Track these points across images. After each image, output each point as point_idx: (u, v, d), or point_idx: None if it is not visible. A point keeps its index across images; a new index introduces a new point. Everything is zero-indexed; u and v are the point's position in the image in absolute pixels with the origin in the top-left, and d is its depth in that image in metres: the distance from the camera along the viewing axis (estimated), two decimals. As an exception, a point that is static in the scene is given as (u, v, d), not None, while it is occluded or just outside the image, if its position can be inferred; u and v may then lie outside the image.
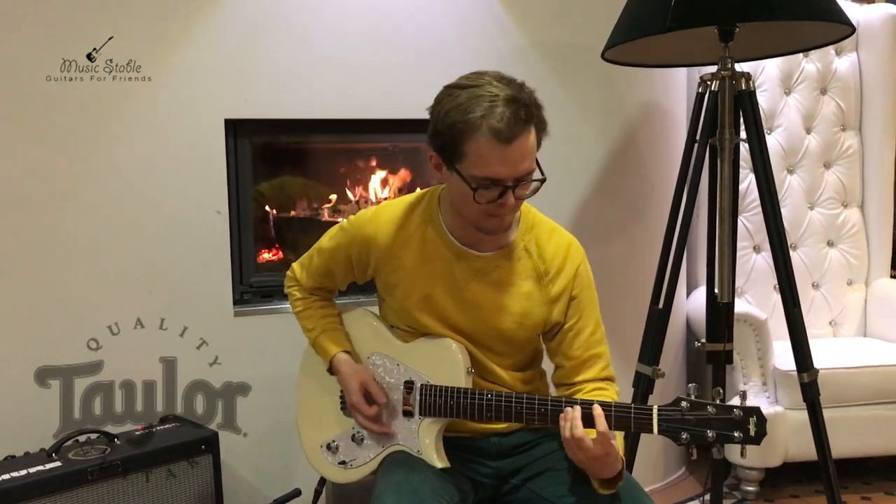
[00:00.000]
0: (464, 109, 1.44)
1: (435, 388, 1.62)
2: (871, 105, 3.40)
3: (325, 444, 1.77)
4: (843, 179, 3.42)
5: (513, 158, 1.46)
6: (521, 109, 1.44)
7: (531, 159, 1.49)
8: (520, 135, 1.44)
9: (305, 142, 2.71)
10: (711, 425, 1.40)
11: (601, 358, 1.70)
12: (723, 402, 1.43)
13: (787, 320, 2.10)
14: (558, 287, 1.65)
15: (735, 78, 2.10)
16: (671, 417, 1.43)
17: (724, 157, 2.13)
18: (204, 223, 2.40)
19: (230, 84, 2.39)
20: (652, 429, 1.44)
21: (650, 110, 2.94)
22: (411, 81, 2.56)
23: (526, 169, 1.49)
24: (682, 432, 1.42)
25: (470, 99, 1.45)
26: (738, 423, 1.39)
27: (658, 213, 2.99)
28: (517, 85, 1.48)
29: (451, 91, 1.49)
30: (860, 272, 3.44)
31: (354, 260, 1.71)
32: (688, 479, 3.14)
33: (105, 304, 2.32)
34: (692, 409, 1.42)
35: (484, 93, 1.44)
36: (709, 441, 1.41)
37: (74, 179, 2.26)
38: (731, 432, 1.39)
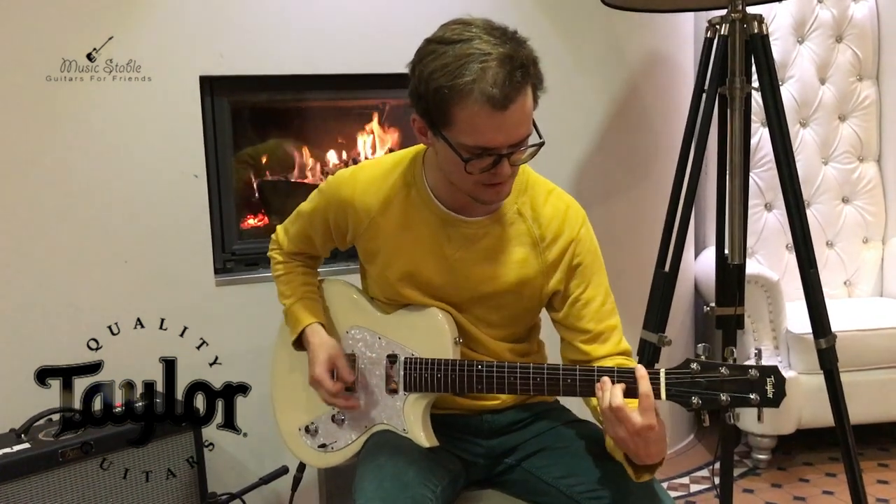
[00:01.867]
0: (451, 72, 1.26)
1: (420, 360, 1.49)
2: (890, 53, 3.22)
3: (304, 427, 1.64)
4: (859, 132, 3.25)
5: (508, 125, 1.29)
6: (516, 70, 1.26)
7: (528, 123, 1.32)
8: (516, 99, 1.26)
9: (289, 100, 2.54)
10: (725, 388, 1.26)
11: (615, 330, 1.54)
12: (711, 358, 1.29)
13: (802, 282, 1.96)
14: (555, 252, 1.50)
15: (746, 21, 1.94)
16: (680, 381, 1.28)
17: (735, 107, 1.97)
18: (180, 188, 2.27)
19: (203, 38, 2.23)
20: (660, 394, 1.29)
21: (654, 60, 2.77)
22: (402, 33, 2.39)
23: (522, 134, 1.32)
24: (692, 397, 1.27)
25: (458, 58, 1.26)
26: (755, 385, 1.25)
27: (664, 170, 2.83)
28: (510, 37, 1.29)
29: (434, 47, 1.30)
30: (877, 229, 3.28)
31: (332, 224, 1.57)
32: (696, 446, 3.03)
33: (78, 275, 2.19)
34: (703, 370, 1.28)
35: (473, 50, 1.26)
36: (722, 405, 1.26)
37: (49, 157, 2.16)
38: (747, 394, 1.25)
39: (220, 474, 2.31)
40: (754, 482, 2.71)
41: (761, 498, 2.60)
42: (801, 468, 2.81)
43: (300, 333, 1.60)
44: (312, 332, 1.59)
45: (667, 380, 1.30)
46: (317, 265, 1.74)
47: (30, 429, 1.96)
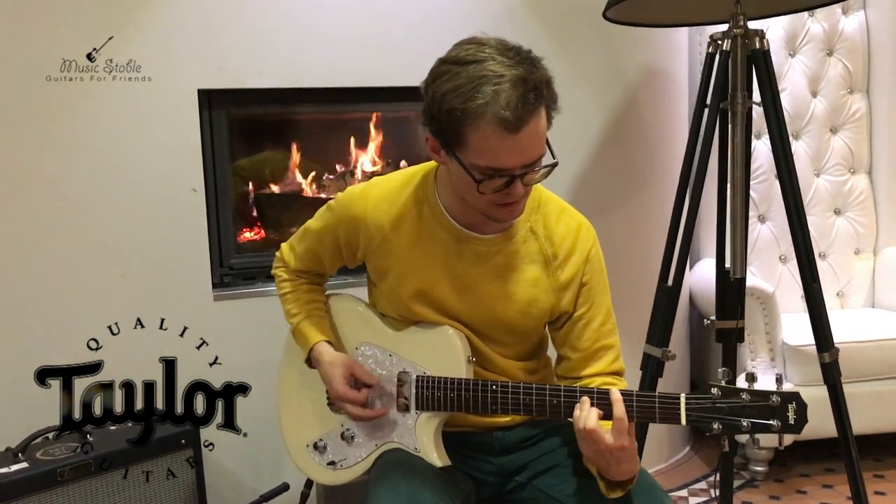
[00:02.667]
0: (464, 94, 1.25)
1: (432, 379, 1.48)
2: (880, 66, 3.25)
3: (312, 444, 1.62)
4: (851, 145, 3.27)
5: (521, 147, 1.28)
6: (529, 93, 1.25)
7: (541, 144, 1.31)
8: (528, 121, 1.26)
9: (286, 113, 2.53)
10: (746, 413, 1.26)
11: (611, 350, 1.55)
12: (732, 382, 1.30)
13: (805, 296, 1.97)
14: (568, 273, 1.50)
15: (748, 36, 1.95)
16: (701, 406, 1.28)
17: (737, 121, 1.98)
18: (179, 202, 2.25)
19: (202, 51, 2.22)
20: (680, 419, 1.29)
21: (651, 74, 2.77)
22: (398, 46, 2.39)
23: (535, 155, 1.31)
24: (713, 422, 1.27)
25: (471, 80, 1.25)
26: (776, 411, 1.25)
27: (661, 183, 2.85)
28: (524, 58, 1.28)
29: (448, 68, 1.30)
30: (868, 241, 3.31)
31: (342, 242, 1.56)
32: (693, 458, 3.03)
33: (75, 289, 2.16)
34: (724, 396, 1.27)
35: (487, 72, 1.25)
36: (743, 431, 1.26)
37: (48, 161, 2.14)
38: (769, 420, 1.25)
39: (218, 490, 2.28)
40: (752, 494, 2.71)
41: (760, 510, 2.61)
42: (798, 480, 2.81)
43: (309, 352, 1.58)
44: (321, 351, 1.57)
45: (687, 405, 1.30)
46: (323, 282, 1.73)
47: (27, 448, 1.92)
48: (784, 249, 3.24)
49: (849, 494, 2.62)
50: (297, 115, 2.57)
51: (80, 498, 1.89)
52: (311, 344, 1.58)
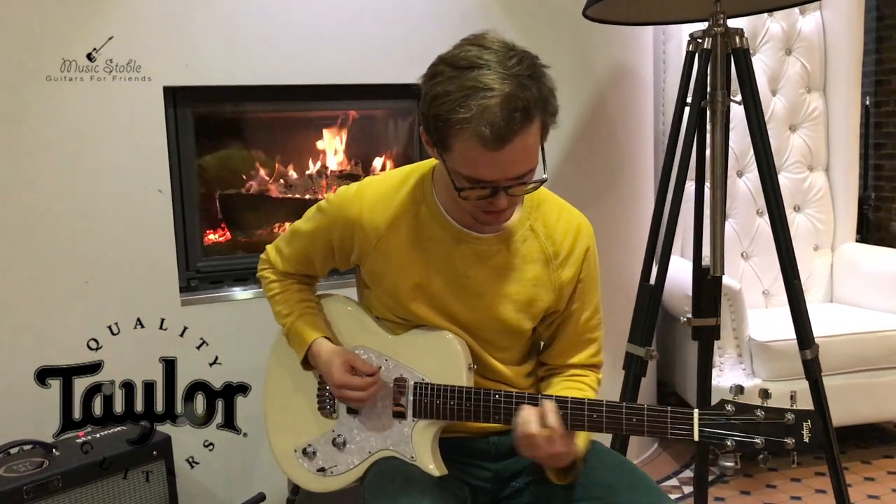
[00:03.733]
0: (451, 103, 1.22)
1: (431, 387, 1.44)
2: (836, 65, 3.32)
3: (301, 449, 1.56)
4: (809, 142, 3.34)
5: (503, 162, 1.25)
6: (516, 112, 1.21)
7: (529, 160, 1.28)
8: (512, 139, 1.22)
9: (252, 111, 2.45)
10: (760, 431, 1.25)
11: (593, 343, 1.55)
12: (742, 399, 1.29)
13: (787, 293, 1.97)
14: (569, 272, 1.48)
15: (728, 35, 1.95)
16: (715, 423, 1.27)
17: (717, 119, 1.98)
18: (145, 204, 2.16)
19: (169, 47, 2.13)
20: (692, 435, 1.27)
21: (620, 73, 2.77)
22: (367, 44, 2.34)
23: (520, 170, 1.28)
24: (726, 439, 1.26)
25: (461, 90, 1.22)
26: (791, 429, 1.24)
27: (629, 181, 2.85)
28: (523, 70, 1.24)
29: (443, 70, 1.26)
30: (826, 237, 3.38)
31: (336, 244, 1.50)
32: (661, 455, 3.04)
33: (34, 295, 2.06)
34: (738, 412, 1.26)
35: (478, 84, 1.21)
36: (758, 449, 1.25)
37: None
38: (783, 438, 1.24)
39: (186, 501, 2.20)
40: (724, 490, 2.74)
41: (732, 506, 2.63)
42: (767, 474, 2.85)
43: (307, 350, 1.52)
44: (319, 346, 1.51)
45: (700, 421, 1.28)
46: (314, 283, 1.66)
47: (-10, 464, 1.83)
48: (746, 246, 3.28)
49: (817, 487, 2.70)
50: (263, 114, 2.50)
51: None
52: (309, 342, 1.52)
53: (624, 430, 1.32)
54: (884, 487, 2.72)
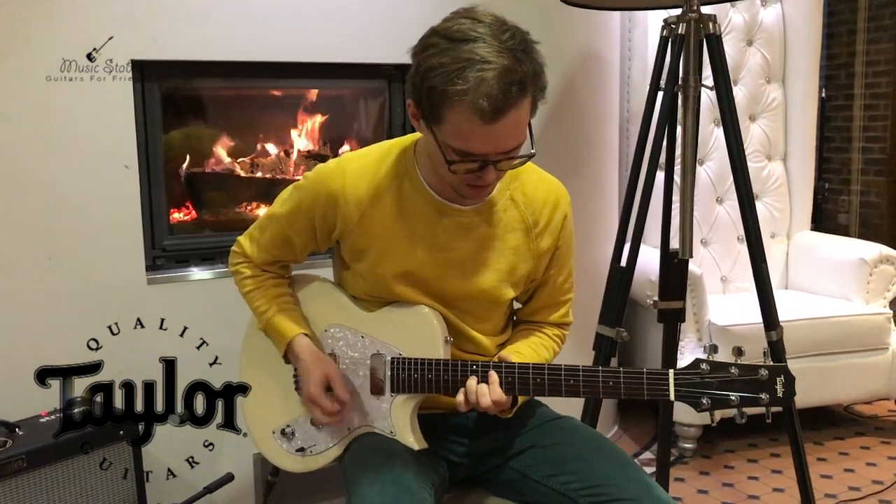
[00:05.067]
0: (447, 75, 1.22)
1: (408, 360, 1.44)
2: (795, 57, 3.39)
3: (279, 430, 1.56)
4: (768, 132, 3.41)
5: (496, 136, 1.26)
6: (513, 85, 1.22)
7: (519, 134, 1.30)
8: (507, 112, 1.23)
9: (220, 87, 2.42)
10: (735, 388, 1.28)
11: (565, 304, 1.62)
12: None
13: (754, 276, 2.03)
14: (547, 241, 1.51)
15: (702, 21, 1.98)
16: (690, 381, 1.30)
17: (689, 105, 2.02)
18: (111, 180, 2.11)
19: (137, 20, 2.08)
20: (668, 394, 1.30)
21: (587, 57, 2.80)
22: (341, 22, 2.32)
23: (511, 144, 1.29)
24: (702, 397, 1.29)
25: (456, 62, 1.22)
26: (765, 384, 1.28)
27: (596, 166, 2.88)
28: (517, 45, 1.25)
29: (436, 41, 1.26)
30: (783, 225, 3.46)
31: (318, 222, 1.48)
32: (622, 437, 3.09)
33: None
34: (713, 371, 1.29)
35: (473, 56, 1.21)
36: (732, 405, 1.29)
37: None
38: (758, 394, 1.28)
39: (157, 486, 2.17)
40: (683, 471, 2.79)
41: (693, 486, 2.68)
42: (724, 455, 2.92)
43: (287, 345, 1.51)
44: (300, 345, 1.50)
45: (676, 380, 1.31)
46: (288, 273, 1.63)
47: (-50, 444, 1.78)
48: (706, 233, 3.34)
49: (773, 467, 2.77)
50: (231, 91, 2.46)
51: (11, 494, 1.76)
52: (289, 338, 1.50)
53: (601, 393, 1.34)
54: (835, 467, 2.81)
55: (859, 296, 3.11)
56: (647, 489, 1.38)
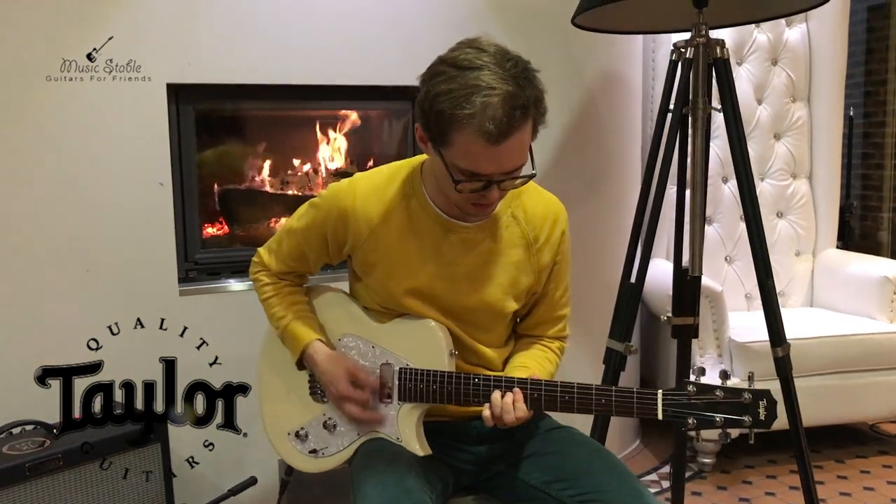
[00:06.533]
0: (454, 100, 1.31)
1: (415, 371, 1.52)
2: (820, 76, 3.41)
3: (294, 432, 1.65)
4: (793, 151, 3.43)
5: (500, 157, 1.35)
6: (516, 110, 1.31)
7: (522, 156, 1.39)
8: (511, 135, 1.33)
9: (252, 109, 2.54)
10: (719, 409, 1.34)
11: (563, 319, 1.69)
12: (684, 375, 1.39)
13: (760, 292, 2.08)
14: (547, 256, 1.59)
15: (710, 45, 2.04)
16: (677, 402, 1.36)
17: (697, 126, 2.07)
18: (147, 197, 2.23)
19: (172, 46, 2.21)
20: (657, 414, 1.37)
21: (608, 78, 2.86)
22: (365, 46, 2.43)
23: (514, 165, 1.39)
24: (688, 417, 1.35)
25: (463, 88, 1.31)
26: (748, 407, 1.33)
27: (616, 185, 2.94)
28: (519, 73, 1.34)
29: (444, 70, 1.35)
30: (808, 243, 3.47)
31: (330, 237, 1.58)
32: (643, 451, 3.13)
33: (38, 280, 2.14)
34: (699, 392, 1.36)
35: (480, 83, 1.31)
36: (717, 426, 1.35)
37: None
38: (741, 416, 1.33)
39: (184, 486, 2.28)
40: (701, 485, 2.82)
41: (709, 500, 2.71)
42: (743, 471, 2.94)
43: (302, 351, 1.61)
44: (315, 350, 1.59)
45: (664, 400, 1.37)
46: (304, 283, 1.74)
47: (-7, 442, 1.90)
48: (729, 250, 3.37)
49: (791, 484, 2.78)
50: (263, 112, 2.58)
51: (47, 494, 1.87)
52: (305, 343, 1.59)
53: (594, 409, 1.41)
54: (855, 485, 2.81)
55: (883, 314, 3.11)
56: (639, 497, 1.44)
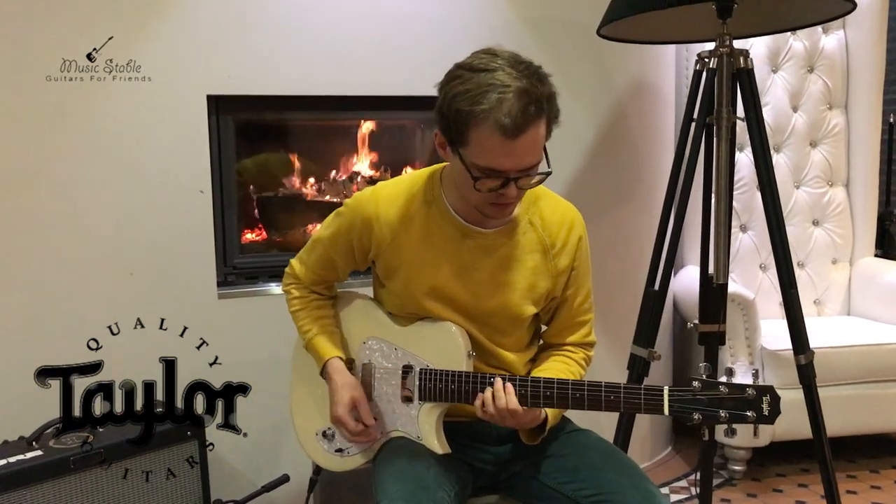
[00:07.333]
0: (471, 98, 1.38)
1: (435, 372, 1.58)
2: (858, 84, 3.39)
3: (321, 432, 1.72)
4: (829, 158, 3.41)
5: (517, 152, 1.41)
6: (531, 105, 1.37)
7: (537, 152, 1.44)
8: (527, 129, 1.38)
9: (290, 119, 2.63)
10: (724, 405, 1.38)
11: (587, 324, 1.72)
12: (712, 377, 1.42)
13: (783, 301, 2.09)
14: (565, 261, 1.64)
15: (733, 55, 2.06)
16: (682, 398, 1.40)
17: (722, 135, 2.09)
18: (187, 203, 2.33)
19: (213, 59, 2.31)
20: (663, 409, 1.41)
21: (640, 87, 2.89)
22: (399, 57, 2.50)
23: (531, 161, 1.44)
24: (693, 413, 1.39)
25: (479, 86, 1.38)
26: (752, 403, 1.37)
27: (647, 192, 2.96)
28: (532, 73, 1.41)
29: (460, 73, 1.43)
30: (845, 251, 3.44)
31: (356, 244, 1.65)
32: (674, 458, 3.14)
33: (85, 285, 2.25)
34: (704, 388, 1.39)
35: (494, 81, 1.38)
36: (721, 421, 1.38)
37: (52, 161, 2.21)
38: (745, 412, 1.37)
39: (220, 483, 2.36)
40: (731, 492, 2.83)
41: (738, 507, 2.72)
42: (774, 479, 2.93)
43: (323, 367, 1.68)
44: (334, 368, 1.66)
45: (670, 396, 1.41)
46: (332, 293, 1.80)
47: (41, 436, 2.00)
48: (764, 258, 3.36)
49: (822, 493, 2.76)
50: (300, 122, 2.67)
51: (89, 486, 1.97)
52: (324, 360, 1.67)
53: (604, 406, 1.45)
54: (890, 496, 2.79)
55: (919, 323, 3.09)
56: (651, 498, 1.48)
